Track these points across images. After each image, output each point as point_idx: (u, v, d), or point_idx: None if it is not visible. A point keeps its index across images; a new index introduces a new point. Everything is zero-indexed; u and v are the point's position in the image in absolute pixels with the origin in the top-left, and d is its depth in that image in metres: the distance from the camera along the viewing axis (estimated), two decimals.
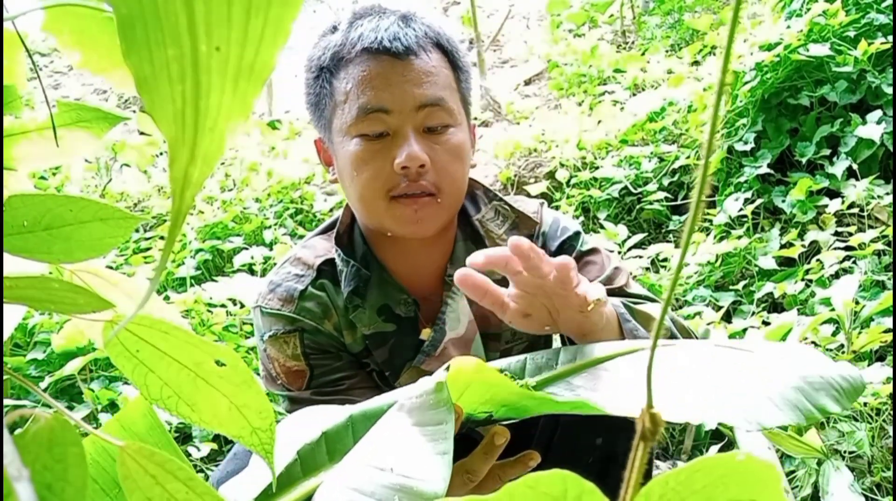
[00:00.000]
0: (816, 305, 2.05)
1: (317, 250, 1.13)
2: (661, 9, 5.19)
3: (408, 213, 1.02)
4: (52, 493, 0.38)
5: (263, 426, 0.41)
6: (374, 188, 1.02)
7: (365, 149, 1.01)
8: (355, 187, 1.04)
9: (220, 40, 0.25)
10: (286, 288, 1.09)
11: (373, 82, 0.99)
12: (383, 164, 1.00)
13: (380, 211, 1.03)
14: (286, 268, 1.12)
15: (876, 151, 2.48)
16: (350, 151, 1.02)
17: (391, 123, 1.00)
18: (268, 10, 0.25)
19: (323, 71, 1.04)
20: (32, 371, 1.87)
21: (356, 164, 1.02)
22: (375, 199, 1.03)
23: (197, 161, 0.26)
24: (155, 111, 0.26)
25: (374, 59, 1.00)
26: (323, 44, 1.05)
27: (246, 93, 0.26)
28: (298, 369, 1.09)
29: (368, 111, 0.99)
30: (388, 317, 1.10)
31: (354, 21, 1.03)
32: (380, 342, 1.11)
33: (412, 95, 1.00)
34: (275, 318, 1.08)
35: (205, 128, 0.26)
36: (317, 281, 1.10)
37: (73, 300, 0.38)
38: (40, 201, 0.40)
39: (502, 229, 1.16)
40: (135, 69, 0.25)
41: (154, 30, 0.25)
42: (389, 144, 1.00)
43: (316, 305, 1.09)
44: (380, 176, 1.01)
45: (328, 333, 1.09)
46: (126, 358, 0.40)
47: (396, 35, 1.00)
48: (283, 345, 1.08)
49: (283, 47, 0.27)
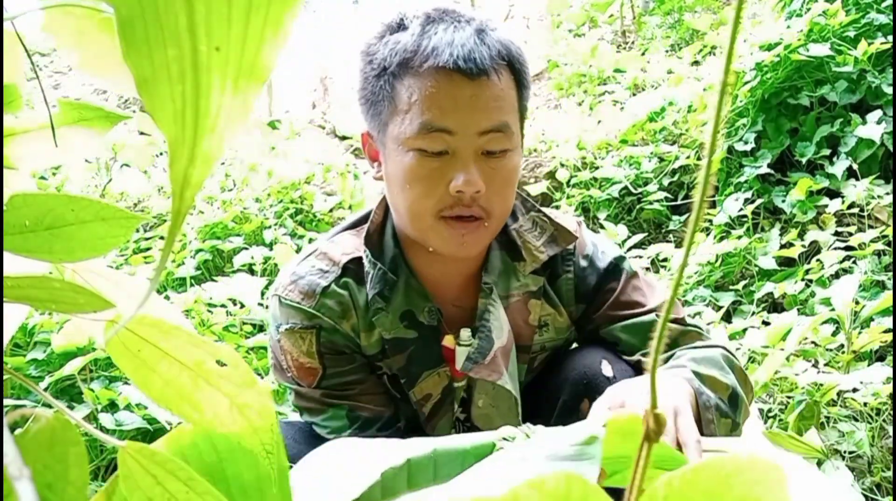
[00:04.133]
0: (816, 305, 2.05)
1: (344, 246, 1.11)
2: (661, 9, 5.19)
3: (455, 235, 1.01)
4: (53, 492, 0.38)
5: (265, 427, 0.41)
6: (425, 206, 1.00)
7: (421, 165, 0.98)
8: (405, 199, 1.02)
9: (220, 40, 0.25)
10: (309, 282, 1.08)
11: (440, 101, 0.96)
12: (438, 183, 0.98)
13: (426, 227, 1.02)
14: (311, 261, 1.10)
15: (876, 151, 2.48)
16: (405, 163, 0.99)
17: (452, 144, 0.97)
18: (268, 10, 0.25)
19: (386, 72, 0.99)
20: (32, 371, 1.87)
21: (410, 177, 0.99)
22: (424, 215, 1.01)
23: (197, 161, 0.26)
24: (155, 111, 0.26)
25: (446, 76, 0.96)
26: (390, 43, 1.00)
27: (246, 93, 0.26)
28: (311, 366, 1.08)
29: (431, 130, 0.96)
30: (411, 323, 1.09)
31: (428, 26, 0.99)
32: (399, 349, 1.09)
33: (478, 120, 0.97)
34: (293, 310, 1.07)
35: (205, 128, 0.26)
36: (341, 279, 1.08)
37: (74, 300, 0.39)
38: (42, 201, 0.40)
39: (540, 240, 1.14)
40: (135, 69, 0.25)
41: (154, 30, 0.25)
42: (447, 163, 0.98)
43: (336, 303, 1.07)
44: (433, 195, 0.99)
45: (345, 333, 1.08)
46: (127, 358, 0.40)
47: (471, 54, 0.95)
48: (298, 340, 1.07)
49: (283, 48, 0.27)
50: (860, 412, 1.60)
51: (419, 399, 1.12)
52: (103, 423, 1.67)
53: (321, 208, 3.23)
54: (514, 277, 1.14)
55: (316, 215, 3.22)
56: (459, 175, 0.97)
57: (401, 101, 0.98)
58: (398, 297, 1.08)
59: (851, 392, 1.61)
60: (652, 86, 3.98)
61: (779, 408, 1.75)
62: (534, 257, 1.14)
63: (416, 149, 0.98)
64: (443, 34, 0.97)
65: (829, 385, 1.59)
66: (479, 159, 0.98)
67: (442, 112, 0.96)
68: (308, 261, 1.10)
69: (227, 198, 3.26)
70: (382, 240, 1.11)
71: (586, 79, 4.41)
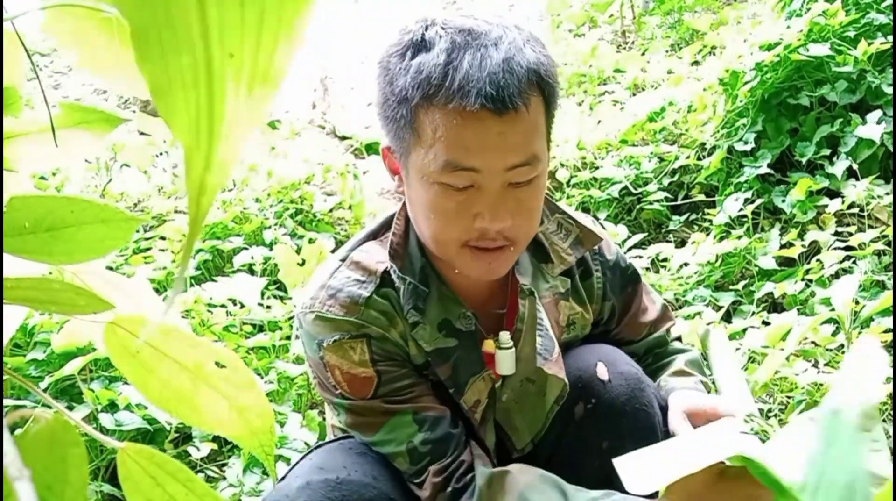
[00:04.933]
0: (816, 305, 2.05)
1: (377, 255, 1.08)
2: (661, 9, 5.19)
3: (482, 263, 1.00)
4: (53, 493, 0.38)
5: (264, 429, 0.41)
6: (450, 236, 0.98)
7: (446, 198, 0.95)
8: (429, 227, 0.99)
9: (233, 47, 0.25)
10: (349, 293, 1.03)
11: (467, 141, 0.91)
12: (463, 216, 0.96)
13: (451, 254, 1.00)
14: (344, 273, 1.06)
15: (876, 151, 2.48)
16: (429, 195, 0.96)
17: (478, 180, 0.94)
18: (280, 16, 0.25)
19: (408, 101, 0.93)
20: (32, 371, 1.87)
21: (434, 209, 0.97)
22: (449, 244, 0.99)
23: (213, 168, 0.26)
24: (170, 119, 0.26)
25: (473, 115, 0.90)
26: (412, 69, 0.92)
27: (260, 99, 0.27)
28: (366, 375, 1.03)
29: (457, 168, 0.93)
30: (449, 332, 1.07)
31: (453, 53, 0.91)
32: (443, 359, 1.07)
33: (506, 157, 0.93)
34: (336, 323, 1.03)
35: (219, 135, 0.26)
36: (380, 289, 1.05)
37: (74, 301, 0.39)
38: (42, 203, 0.40)
39: (566, 242, 1.15)
40: (149, 77, 0.25)
41: (168, 38, 0.25)
42: (473, 197, 0.95)
43: (380, 314, 1.04)
44: (457, 227, 0.97)
45: (394, 341, 1.05)
46: (126, 359, 0.40)
47: (501, 91, 0.89)
48: (347, 351, 1.03)
49: (295, 53, 0.27)
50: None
51: (470, 407, 1.11)
52: (103, 423, 1.67)
53: (321, 208, 3.23)
54: (543, 278, 1.14)
55: (316, 215, 3.22)
56: (485, 212, 0.95)
57: (424, 134, 0.93)
58: (433, 307, 1.06)
59: None
60: (652, 86, 3.98)
61: (779, 408, 1.75)
62: (561, 259, 1.14)
63: (441, 183, 0.94)
64: (469, 65, 0.90)
65: (829, 385, 1.59)
66: (505, 191, 0.95)
67: (468, 152, 0.92)
68: (341, 273, 1.06)
69: (227, 198, 3.26)
70: (407, 251, 1.08)
71: (586, 79, 4.41)
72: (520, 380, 1.11)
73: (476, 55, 0.90)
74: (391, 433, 1.04)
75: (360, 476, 1.02)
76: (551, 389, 1.10)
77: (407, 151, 0.97)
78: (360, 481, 1.02)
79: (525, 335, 1.10)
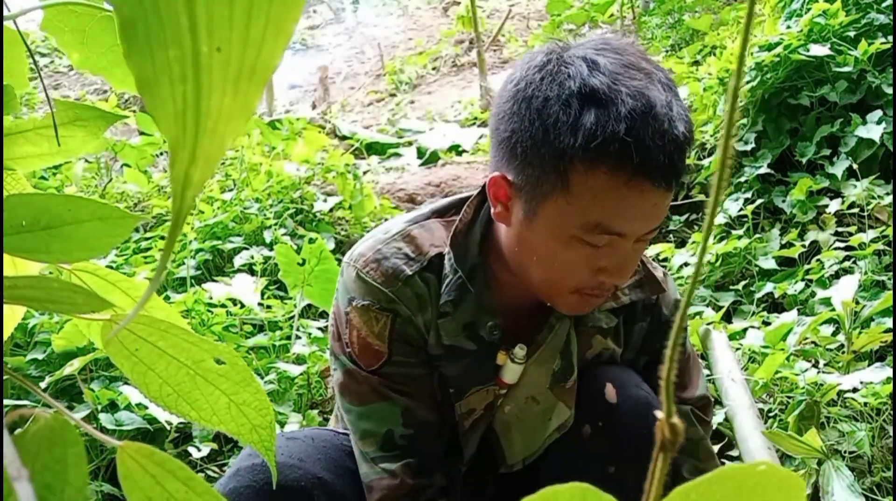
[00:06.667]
0: (816, 305, 2.05)
1: (433, 237, 1.06)
2: (662, 9, 5.19)
3: (582, 306, 1.00)
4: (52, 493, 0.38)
5: (263, 424, 0.41)
6: (566, 284, 0.97)
7: (576, 251, 0.93)
8: (541, 271, 0.97)
9: (221, 41, 0.25)
10: (393, 265, 1.03)
11: (624, 211, 0.89)
12: (587, 268, 0.94)
13: (558, 296, 0.99)
14: (397, 242, 1.05)
15: (876, 151, 2.48)
16: (558, 246, 0.93)
17: (616, 241, 0.92)
18: (269, 11, 0.25)
19: (567, 156, 0.88)
20: (32, 371, 1.87)
21: (558, 258, 0.94)
22: (560, 289, 0.98)
23: (198, 162, 0.26)
24: (156, 112, 0.26)
25: (638, 189, 0.88)
26: (584, 126, 0.86)
27: (247, 94, 0.26)
28: (378, 348, 1.03)
29: (603, 231, 0.90)
30: (471, 335, 1.06)
31: (632, 122, 0.86)
32: (455, 358, 1.07)
33: (652, 225, 0.93)
34: (371, 288, 1.03)
35: (206, 129, 0.26)
36: (424, 273, 1.04)
37: (73, 300, 0.38)
38: (39, 201, 0.40)
39: (627, 281, 1.09)
40: (136, 70, 0.25)
41: (155, 30, 0.25)
42: (602, 253, 0.93)
43: (415, 296, 1.03)
44: (578, 277, 0.95)
45: (418, 327, 1.04)
46: (125, 357, 0.40)
47: (675, 170, 0.88)
48: (372, 320, 1.03)
49: (284, 48, 0.26)
50: (860, 412, 1.60)
51: (463, 413, 1.10)
52: (103, 423, 1.67)
53: (321, 208, 3.23)
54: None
55: (316, 215, 3.22)
56: (613, 271, 0.94)
57: (577, 191, 0.89)
58: (467, 306, 1.05)
59: (851, 392, 1.60)
60: None
61: (779, 408, 1.75)
62: (615, 297, 1.09)
63: (577, 238, 0.92)
64: (651, 143, 0.86)
65: (829, 385, 1.59)
66: (632, 249, 0.95)
67: (622, 220, 0.90)
68: (395, 242, 1.05)
69: (227, 198, 3.26)
70: (467, 241, 1.05)
71: None
72: (525, 397, 1.09)
73: (656, 130, 0.86)
74: (374, 414, 1.05)
75: (285, 459, 1.04)
76: (557, 415, 1.08)
77: (542, 197, 0.92)
78: (285, 463, 1.03)
79: (543, 353, 1.08)
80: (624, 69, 0.89)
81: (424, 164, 4.39)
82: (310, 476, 1.04)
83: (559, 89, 0.89)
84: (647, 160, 0.86)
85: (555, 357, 1.08)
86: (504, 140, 0.95)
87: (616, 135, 0.85)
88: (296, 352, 2.09)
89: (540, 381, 1.08)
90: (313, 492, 1.04)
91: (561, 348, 1.08)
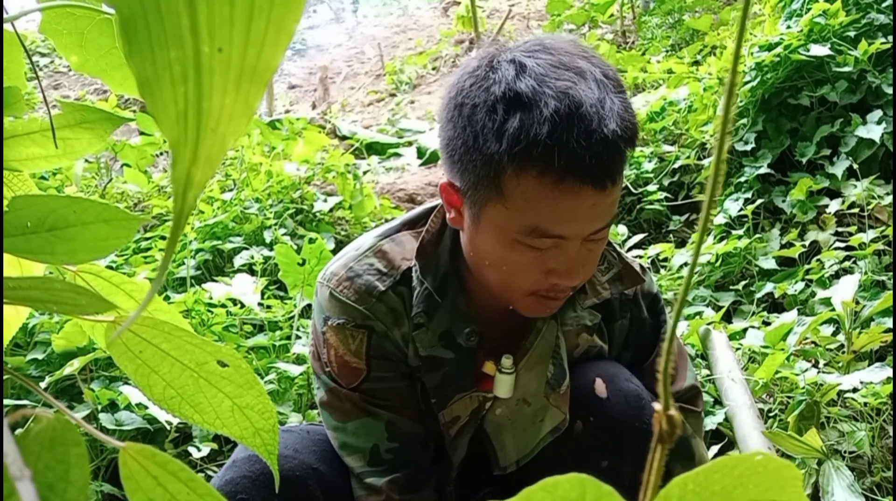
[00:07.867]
0: (816, 305, 2.05)
1: (404, 250, 1.06)
2: (661, 9, 5.19)
3: (541, 308, 1.00)
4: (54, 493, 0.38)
5: (266, 427, 0.41)
6: (518, 286, 0.97)
7: (521, 254, 0.93)
8: (494, 273, 0.97)
9: (222, 42, 0.25)
10: (366, 282, 1.03)
11: (560, 213, 0.89)
12: (537, 270, 0.94)
13: (514, 299, 0.99)
14: (369, 259, 1.05)
15: (876, 151, 2.48)
16: (502, 249, 0.93)
17: (560, 243, 0.92)
18: (270, 11, 0.25)
19: (496, 161, 0.88)
20: (33, 371, 1.87)
21: (506, 261, 0.94)
22: (514, 291, 0.98)
23: (199, 162, 0.26)
24: (157, 113, 0.26)
25: (573, 192, 0.87)
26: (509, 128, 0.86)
27: (248, 94, 0.26)
28: (356, 366, 1.04)
29: (543, 235, 0.90)
30: (448, 344, 1.06)
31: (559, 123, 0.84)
32: (433, 367, 1.06)
33: (594, 225, 0.92)
34: (345, 307, 1.03)
35: (207, 129, 0.26)
36: (398, 286, 1.04)
37: (76, 301, 0.39)
38: (44, 203, 0.40)
39: (606, 275, 1.10)
40: (137, 71, 0.25)
41: (156, 31, 0.25)
42: (549, 254, 0.93)
43: (390, 311, 1.03)
44: (528, 279, 0.95)
45: (395, 341, 1.05)
46: (129, 359, 0.40)
47: (605, 168, 0.86)
48: (347, 338, 1.03)
49: (285, 49, 0.27)
50: (860, 412, 1.60)
51: (448, 421, 1.10)
52: (103, 423, 1.67)
53: (321, 208, 3.23)
54: (572, 308, 1.09)
55: (316, 215, 3.22)
56: (562, 271, 0.93)
57: (510, 196, 0.89)
58: (441, 316, 1.05)
59: (851, 392, 1.61)
60: (652, 86, 3.98)
61: (779, 408, 1.75)
62: (596, 292, 1.09)
63: (519, 242, 0.92)
64: (576, 144, 0.84)
65: (829, 385, 1.59)
66: (581, 248, 0.94)
67: (559, 221, 0.89)
68: (366, 258, 1.05)
69: (227, 198, 3.26)
70: (437, 252, 1.05)
71: None
72: (516, 399, 1.09)
73: (581, 131, 0.85)
74: (359, 430, 1.05)
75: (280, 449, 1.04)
76: (550, 418, 1.08)
77: (481, 202, 0.92)
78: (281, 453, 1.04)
79: (531, 358, 1.08)
80: (553, 70, 0.88)
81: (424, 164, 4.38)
82: (305, 467, 1.05)
83: (485, 95, 0.89)
84: (573, 162, 0.85)
85: (546, 362, 1.08)
86: (444, 147, 0.96)
87: (538, 138, 0.84)
88: (296, 352, 2.09)
89: (532, 385, 1.08)
90: (308, 482, 1.05)
91: (551, 352, 1.08)
